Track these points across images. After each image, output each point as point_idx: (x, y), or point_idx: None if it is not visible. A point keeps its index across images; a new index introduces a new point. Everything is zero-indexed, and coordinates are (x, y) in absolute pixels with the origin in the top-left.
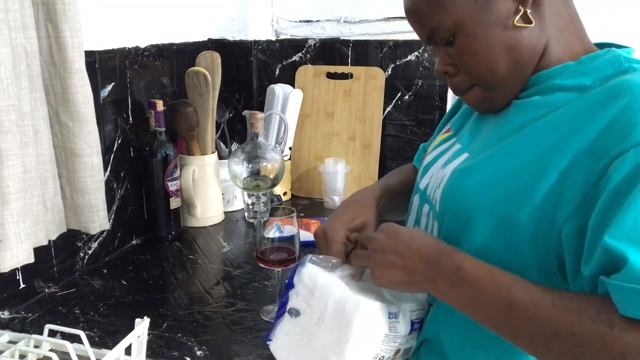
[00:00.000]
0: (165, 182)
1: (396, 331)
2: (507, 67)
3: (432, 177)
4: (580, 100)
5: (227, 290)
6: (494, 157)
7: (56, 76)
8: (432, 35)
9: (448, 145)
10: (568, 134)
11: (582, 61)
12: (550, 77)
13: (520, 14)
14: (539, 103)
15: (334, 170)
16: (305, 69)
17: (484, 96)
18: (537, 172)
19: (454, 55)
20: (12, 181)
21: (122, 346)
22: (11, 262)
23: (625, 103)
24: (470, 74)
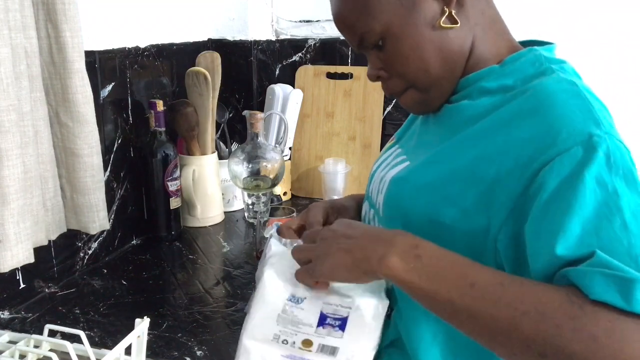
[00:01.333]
0: (165, 182)
1: (294, 316)
2: (438, 67)
3: (374, 183)
4: (504, 108)
5: (227, 290)
6: (427, 164)
7: (56, 76)
8: (362, 41)
9: (390, 152)
10: (494, 142)
11: (505, 62)
12: (478, 79)
13: (445, 15)
14: (467, 107)
15: (334, 170)
16: (305, 69)
17: (419, 98)
18: (467, 180)
19: (384, 59)
20: (12, 181)
21: (122, 346)
22: (11, 262)
23: (544, 110)
24: (403, 76)
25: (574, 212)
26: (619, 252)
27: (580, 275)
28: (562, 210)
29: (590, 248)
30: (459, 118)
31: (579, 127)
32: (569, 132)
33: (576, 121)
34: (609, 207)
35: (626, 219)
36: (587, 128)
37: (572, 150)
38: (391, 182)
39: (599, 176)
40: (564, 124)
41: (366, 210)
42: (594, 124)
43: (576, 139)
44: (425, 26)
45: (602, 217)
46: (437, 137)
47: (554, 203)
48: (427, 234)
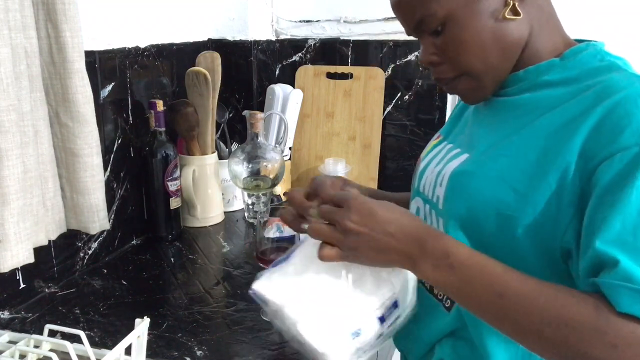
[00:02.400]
0: (165, 182)
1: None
2: (495, 57)
3: (427, 178)
4: (573, 102)
5: (227, 290)
6: (495, 158)
7: (56, 76)
8: (420, 25)
9: (440, 149)
10: (564, 136)
11: (565, 56)
12: (538, 73)
13: (509, 7)
14: (530, 101)
15: (334, 170)
16: (305, 69)
17: (471, 85)
18: (538, 175)
19: (441, 45)
20: (12, 181)
21: (122, 346)
22: (11, 262)
23: (613, 104)
24: (458, 63)
25: (618, 209)
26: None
27: (608, 287)
28: (608, 206)
29: (624, 246)
30: (522, 111)
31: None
32: (632, 131)
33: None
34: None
35: None
36: None
37: (632, 149)
38: (454, 175)
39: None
40: (629, 122)
41: (419, 206)
42: None
43: (638, 139)
44: (489, 16)
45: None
46: (500, 130)
47: (604, 198)
48: (492, 226)
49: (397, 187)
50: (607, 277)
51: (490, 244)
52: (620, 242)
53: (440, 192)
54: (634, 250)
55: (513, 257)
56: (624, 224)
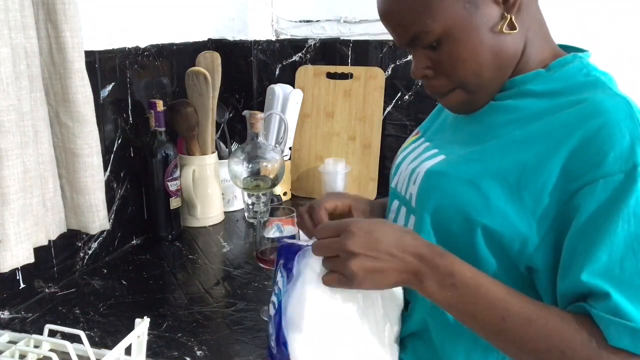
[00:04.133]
0: (165, 182)
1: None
2: (491, 72)
3: (401, 175)
4: (556, 117)
5: (227, 290)
6: (469, 161)
7: (56, 76)
8: (414, 40)
9: (417, 146)
10: (544, 151)
11: (551, 67)
12: (524, 82)
13: (507, 21)
14: (512, 108)
15: (334, 170)
16: (305, 69)
17: (465, 99)
18: (512, 187)
19: (436, 60)
20: (12, 181)
21: (122, 346)
22: (11, 262)
23: (597, 127)
24: (453, 77)
25: (604, 240)
26: (637, 285)
27: (599, 319)
28: (594, 236)
29: (612, 279)
30: (503, 117)
31: (625, 153)
32: (615, 156)
33: (624, 146)
34: (638, 240)
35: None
36: (634, 156)
37: (615, 177)
38: (427, 174)
39: (636, 208)
40: (612, 147)
41: (394, 205)
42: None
43: (621, 166)
44: (486, 31)
45: (630, 250)
46: (478, 134)
47: (589, 227)
48: (459, 227)
49: None
50: (598, 308)
51: (456, 244)
52: (608, 274)
53: (413, 190)
54: (622, 283)
55: (475, 261)
56: (610, 256)
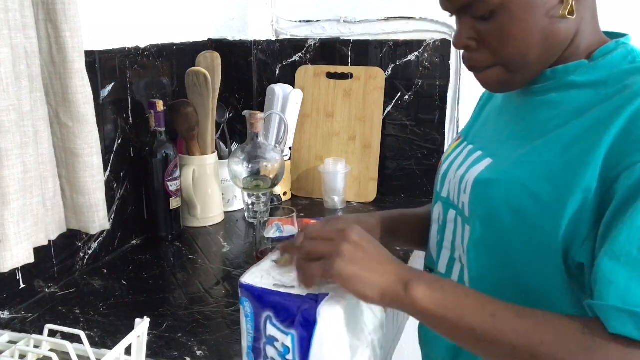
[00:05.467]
0: (165, 182)
1: None
2: (539, 54)
3: (451, 183)
4: (601, 109)
5: (227, 290)
6: (519, 165)
7: (56, 76)
8: (468, 8)
9: (460, 150)
10: (589, 146)
11: (594, 57)
12: (566, 73)
13: (568, 6)
14: (556, 102)
15: (334, 170)
16: (305, 69)
17: (504, 77)
18: (564, 185)
19: (485, 32)
20: (12, 181)
21: (122, 346)
22: (11, 262)
23: (637, 110)
24: (498, 54)
25: (626, 223)
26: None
27: (599, 309)
28: (620, 219)
29: (627, 257)
30: (548, 113)
31: None
32: None
33: None
34: None
35: None
36: None
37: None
38: (476, 183)
39: None
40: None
41: (439, 212)
42: None
43: None
44: (543, 12)
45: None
46: (524, 132)
47: (619, 211)
48: (517, 234)
49: (397, 187)
50: (601, 299)
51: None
52: (624, 254)
53: (465, 199)
54: (634, 265)
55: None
56: (629, 237)
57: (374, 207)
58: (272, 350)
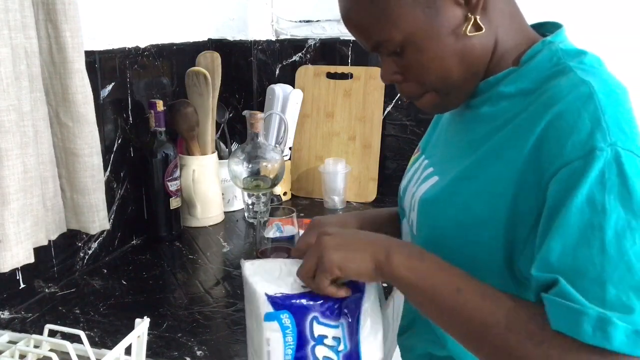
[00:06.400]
0: (165, 182)
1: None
2: (460, 74)
3: (407, 199)
4: (522, 117)
5: (227, 290)
6: (455, 181)
7: (56, 76)
8: (378, 47)
9: (418, 165)
10: (514, 154)
11: (522, 61)
12: (496, 83)
13: (471, 22)
14: (489, 115)
15: (334, 170)
16: (305, 69)
17: (437, 101)
18: (495, 198)
19: (403, 66)
20: (12, 181)
21: (122, 346)
22: (11, 262)
23: (555, 115)
24: (422, 83)
25: (558, 231)
26: (589, 275)
27: (546, 302)
28: (551, 228)
29: (564, 268)
30: (485, 128)
31: (584, 138)
32: (573, 143)
33: (583, 132)
34: (592, 228)
35: (606, 241)
36: (592, 140)
37: (573, 164)
38: (421, 203)
39: (591, 194)
40: (571, 134)
41: (405, 228)
42: (600, 135)
43: (579, 152)
44: (449, 34)
45: (583, 238)
46: (465, 147)
47: (549, 219)
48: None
49: (397, 187)
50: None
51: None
52: (561, 264)
53: (414, 217)
54: (573, 272)
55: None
56: (564, 247)
57: (374, 207)
58: (323, 349)
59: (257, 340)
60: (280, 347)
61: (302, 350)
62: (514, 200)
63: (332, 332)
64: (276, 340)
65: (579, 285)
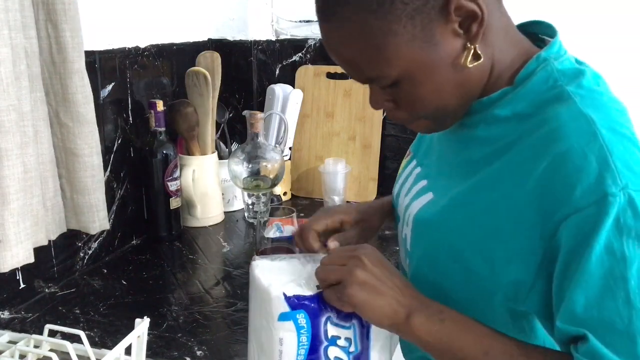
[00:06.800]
0: (165, 182)
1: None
2: (458, 101)
3: (401, 206)
4: (521, 146)
5: (227, 290)
6: (454, 207)
7: (56, 76)
8: (370, 81)
9: (410, 171)
10: (513, 188)
11: (517, 82)
12: (491, 105)
13: (471, 53)
14: (483, 138)
15: (334, 170)
16: (305, 69)
17: (430, 126)
18: (492, 230)
19: (396, 96)
20: (12, 181)
21: (122, 346)
22: (11, 262)
23: (560, 156)
24: (416, 112)
25: (579, 282)
26: (617, 328)
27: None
28: (571, 278)
29: (591, 321)
30: (480, 151)
31: (593, 182)
32: (583, 189)
33: (592, 175)
34: (615, 278)
35: (630, 292)
36: (602, 185)
37: (586, 211)
38: (417, 221)
39: (609, 243)
40: (580, 178)
41: (399, 234)
42: (610, 179)
43: (589, 198)
44: (447, 67)
45: (607, 289)
46: (459, 168)
47: (567, 267)
48: (454, 275)
49: None
50: (580, 352)
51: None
52: (587, 317)
53: (407, 232)
54: (601, 327)
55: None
56: (587, 299)
57: None
58: (335, 349)
59: (267, 340)
60: (293, 347)
61: (316, 351)
62: (510, 234)
63: (344, 332)
64: (290, 340)
65: (608, 340)
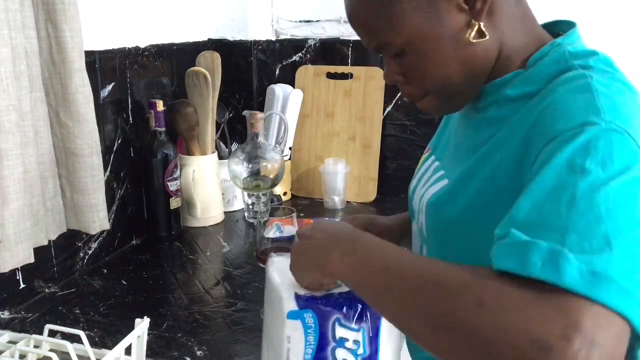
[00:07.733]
0: (165, 182)
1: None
2: (463, 79)
3: (416, 200)
4: (521, 112)
5: (227, 290)
6: (460, 181)
7: (56, 76)
8: (380, 48)
9: (428, 165)
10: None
11: (529, 64)
12: (502, 86)
13: (474, 29)
14: (495, 118)
15: (334, 170)
16: (305, 69)
17: (439, 104)
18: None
19: (404, 67)
20: (12, 181)
21: (122, 346)
22: (11, 262)
23: (550, 101)
24: (422, 85)
25: (530, 191)
26: (553, 225)
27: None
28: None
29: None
30: (487, 132)
31: (576, 117)
32: (565, 120)
33: (576, 113)
34: (566, 186)
35: (577, 195)
36: (585, 116)
37: (562, 135)
38: (430, 206)
39: (571, 158)
40: (564, 114)
41: (414, 228)
42: (594, 114)
43: (568, 127)
44: (450, 41)
45: (553, 195)
46: (468, 152)
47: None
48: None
49: (397, 187)
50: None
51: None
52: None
53: (423, 220)
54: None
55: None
56: (532, 203)
57: (373, 207)
58: (343, 351)
59: (277, 336)
60: (301, 345)
61: (323, 351)
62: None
63: (353, 335)
64: (297, 339)
65: (538, 234)
